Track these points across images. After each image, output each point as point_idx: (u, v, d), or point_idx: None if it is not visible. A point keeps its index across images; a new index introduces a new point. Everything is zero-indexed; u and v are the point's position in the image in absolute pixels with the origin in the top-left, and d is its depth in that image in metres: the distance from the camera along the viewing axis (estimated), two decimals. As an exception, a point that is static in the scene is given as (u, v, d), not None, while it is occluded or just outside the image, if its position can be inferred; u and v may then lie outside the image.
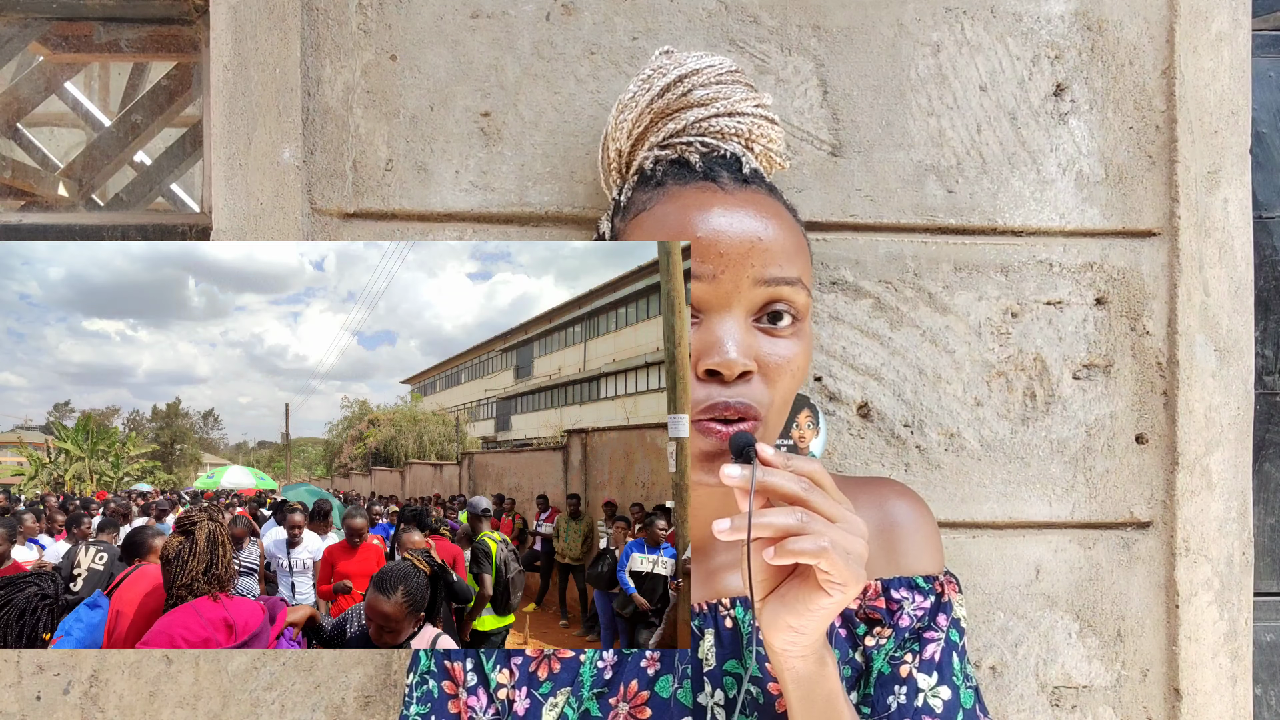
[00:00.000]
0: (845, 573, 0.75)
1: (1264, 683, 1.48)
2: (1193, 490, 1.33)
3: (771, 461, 0.80)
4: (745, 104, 1.05)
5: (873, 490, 1.04)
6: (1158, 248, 1.35)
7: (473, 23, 1.29)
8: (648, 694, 0.95)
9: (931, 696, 0.94)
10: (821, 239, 1.31)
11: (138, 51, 1.50)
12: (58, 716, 1.27)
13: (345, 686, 1.28)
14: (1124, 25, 1.34)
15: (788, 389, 0.91)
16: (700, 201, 0.91)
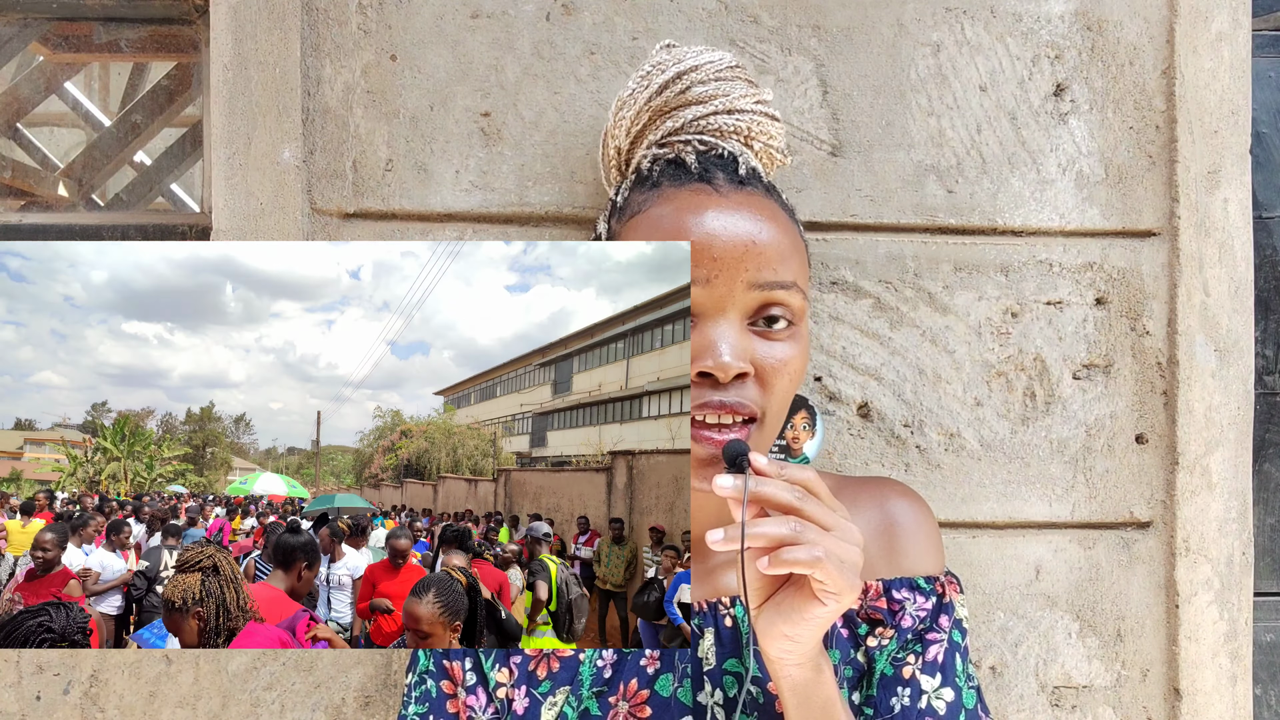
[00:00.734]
0: (840, 582, 0.75)
1: (1264, 683, 1.48)
2: (1193, 490, 1.33)
3: (765, 471, 0.80)
4: (745, 101, 1.05)
5: (873, 490, 1.03)
6: (1158, 248, 1.35)
7: (473, 23, 1.29)
8: (647, 693, 0.95)
9: (935, 698, 0.94)
10: (821, 239, 1.31)
11: (138, 51, 1.50)
12: (58, 716, 1.27)
13: (345, 686, 1.28)
14: (1124, 25, 1.34)
15: (785, 391, 0.91)
16: (695, 204, 0.91)
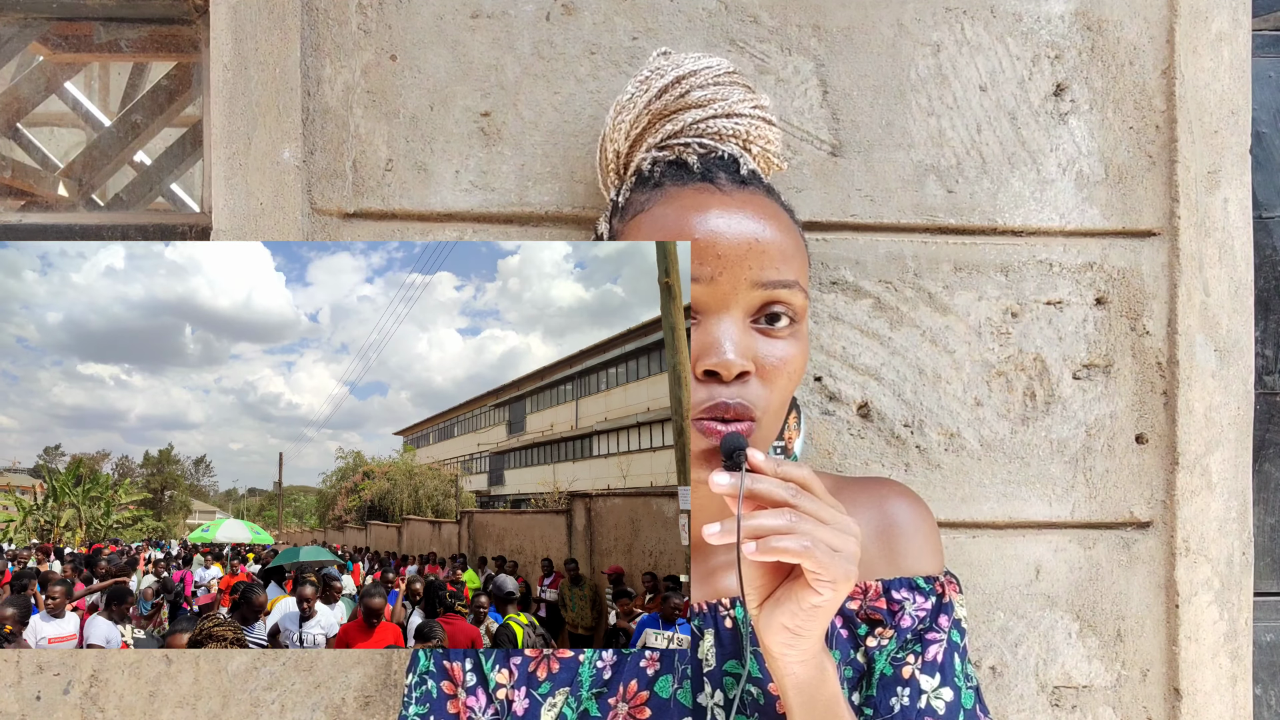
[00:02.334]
0: (834, 569, 0.76)
1: (1264, 683, 1.48)
2: (1193, 490, 1.33)
3: (761, 467, 0.80)
4: (743, 105, 1.05)
5: (872, 491, 1.04)
6: (1158, 248, 1.35)
7: (473, 23, 1.29)
8: (647, 694, 0.96)
9: (934, 698, 0.95)
10: (821, 239, 1.31)
11: (138, 51, 1.50)
12: (58, 716, 1.27)
13: (345, 686, 1.28)
14: (1124, 25, 1.34)
15: (785, 389, 0.91)
16: (698, 203, 0.91)
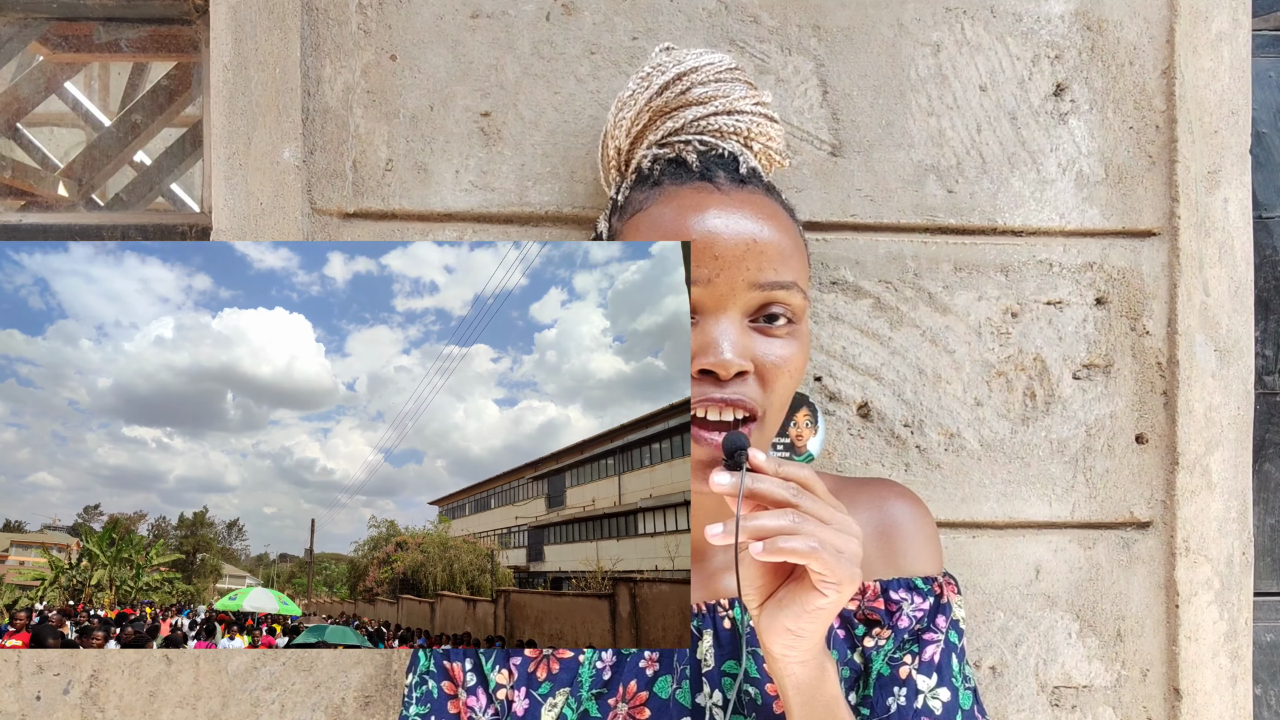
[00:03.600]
0: (839, 571, 0.75)
1: (1264, 683, 1.48)
2: (1193, 490, 1.33)
3: (762, 467, 0.80)
4: (744, 102, 1.05)
5: (871, 491, 1.04)
6: (1158, 248, 1.35)
7: (473, 23, 1.29)
8: (646, 694, 0.96)
9: (931, 698, 0.94)
10: (821, 239, 1.31)
11: (138, 51, 1.50)
12: (58, 716, 1.28)
13: (345, 686, 1.28)
14: (1124, 25, 1.34)
15: (785, 389, 0.91)
16: (696, 202, 0.91)
